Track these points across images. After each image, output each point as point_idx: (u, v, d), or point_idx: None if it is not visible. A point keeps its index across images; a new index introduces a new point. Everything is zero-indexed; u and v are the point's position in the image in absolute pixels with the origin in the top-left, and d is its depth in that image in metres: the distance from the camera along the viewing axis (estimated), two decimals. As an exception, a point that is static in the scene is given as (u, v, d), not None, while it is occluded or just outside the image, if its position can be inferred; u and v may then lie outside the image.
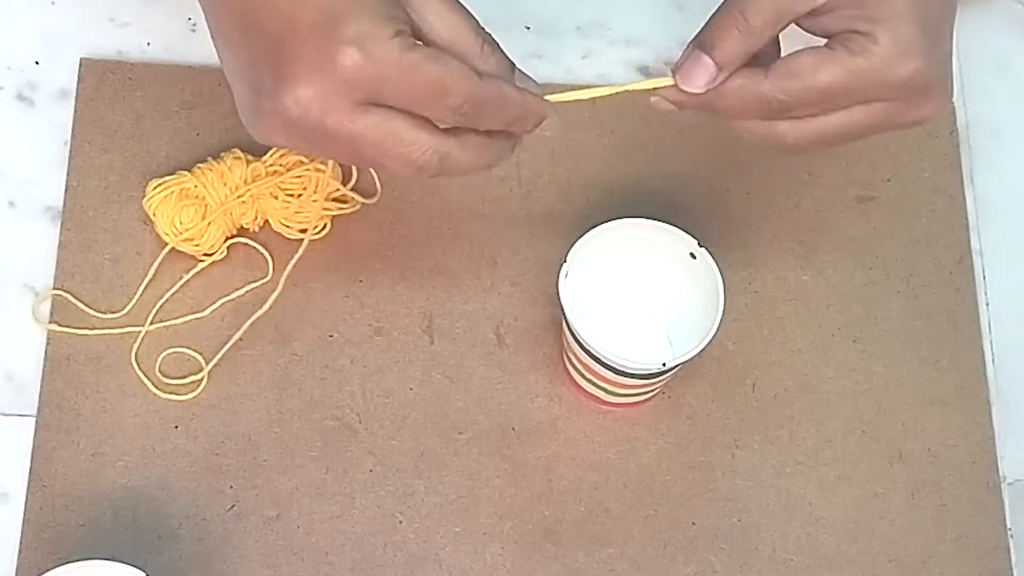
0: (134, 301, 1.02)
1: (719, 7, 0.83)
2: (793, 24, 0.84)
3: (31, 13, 1.10)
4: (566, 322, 0.95)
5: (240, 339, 1.02)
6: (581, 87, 1.10)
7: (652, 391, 1.00)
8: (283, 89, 0.79)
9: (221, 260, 1.03)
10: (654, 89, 0.86)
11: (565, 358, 1.00)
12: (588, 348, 0.94)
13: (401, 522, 0.99)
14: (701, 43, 0.83)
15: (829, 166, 1.10)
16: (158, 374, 1.01)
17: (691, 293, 0.98)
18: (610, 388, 0.99)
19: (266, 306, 1.01)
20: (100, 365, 1.01)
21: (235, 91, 0.84)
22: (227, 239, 1.03)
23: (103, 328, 1.02)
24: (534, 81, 0.86)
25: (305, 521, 0.98)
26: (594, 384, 0.99)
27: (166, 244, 1.02)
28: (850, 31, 0.80)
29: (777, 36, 0.83)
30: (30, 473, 0.98)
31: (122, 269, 1.03)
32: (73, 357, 1.01)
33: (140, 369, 1.00)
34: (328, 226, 1.05)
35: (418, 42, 0.79)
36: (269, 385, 1.01)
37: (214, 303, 1.03)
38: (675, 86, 0.84)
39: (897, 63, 0.80)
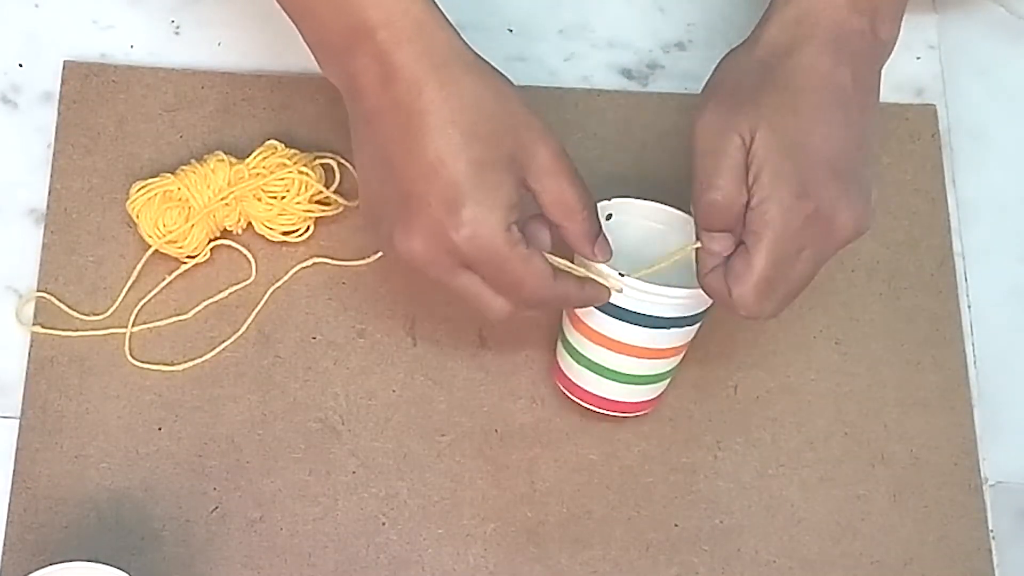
0: (117, 303, 1.02)
1: (692, 199, 0.92)
2: None
3: (14, 16, 1.10)
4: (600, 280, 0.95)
5: (223, 341, 1.02)
6: (563, 89, 1.11)
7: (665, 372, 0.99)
8: (401, 236, 0.89)
9: (204, 262, 1.03)
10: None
11: (564, 360, 1.00)
12: (642, 290, 0.94)
13: (384, 524, 0.99)
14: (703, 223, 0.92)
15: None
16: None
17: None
18: (627, 370, 0.98)
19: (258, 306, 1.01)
20: (84, 367, 1.01)
21: (362, 204, 0.94)
22: (210, 241, 1.03)
23: (87, 330, 1.02)
24: (610, 249, 0.94)
25: (288, 523, 0.99)
26: (604, 374, 0.98)
27: (149, 246, 1.02)
28: (748, 210, 0.90)
29: None
30: (13, 475, 0.98)
31: (105, 271, 1.03)
32: (57, 359, 1.01)
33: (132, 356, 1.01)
34: (311, 228, 1.05)
35: (520, 237, 0.89)
36: (252, 387, 1.01)
37: (197, 305, 1.03)
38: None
39: (788, 222, 0.89)
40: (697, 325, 0.97)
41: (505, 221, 0.88)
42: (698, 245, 0.92)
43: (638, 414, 1.00)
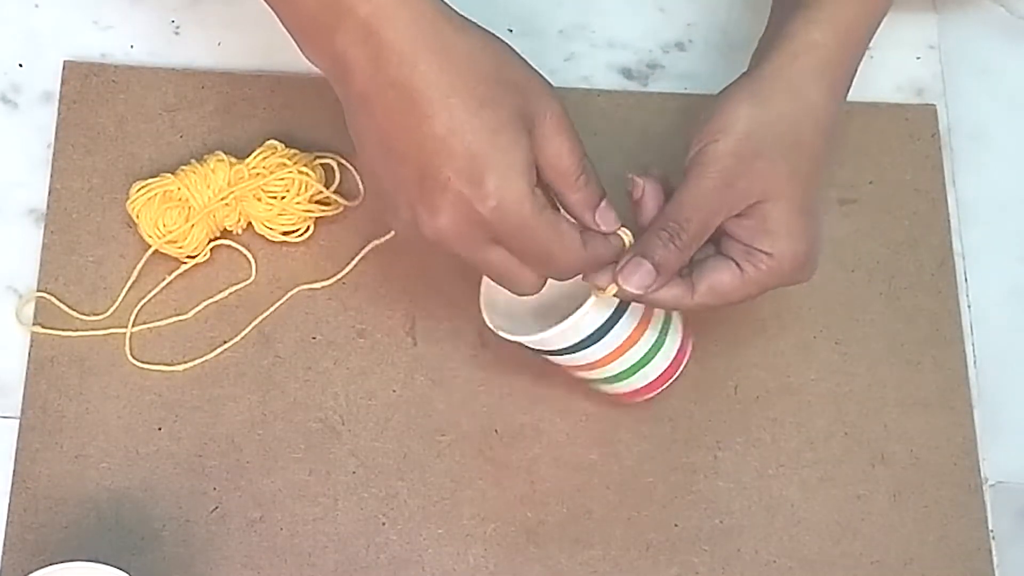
0: (118, 303, 1.02)
1: (655, 218, 0.92)
2: None
3: (15, 16, 1.10)
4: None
5: (224, 341, 1.02)
6: (563, 89, 1.11)
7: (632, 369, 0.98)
8: (426, 218, 0.86)
9: (204, 262, 1.04)
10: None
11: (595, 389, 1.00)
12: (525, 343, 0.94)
13: (384, 524, 0.99)
14: (642, 251, 0.90)
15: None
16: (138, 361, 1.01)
17: None
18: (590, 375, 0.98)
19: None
20: (84, 367, 1.01)
21: (374, 193, 0.94)
22: (210, 241, 1.03)
23: (87, 330, 1.02)
24: (614, 217, 0.92)
25: (288, 523, 0.99)
26: (616, 380, 0.98)
27: (149, 246, 1.02)
28: (753, 248, 0.92)
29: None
30: (13, 475, 0.98)
31: (105, 271, 1.03)
32: (57, 359, 1.01)
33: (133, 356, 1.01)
34: (311, 228, 1.05)
35: (545, 202, 0.87)
36: (252, 387, 1.01)
37: (197, 305, 1.03)
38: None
39: (790, 271, 0.93)
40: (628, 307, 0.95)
41: (528, 183, 0.86)
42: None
43: (675, 376, 0.99)
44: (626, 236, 0.91)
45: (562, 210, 0.91)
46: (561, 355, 0.95)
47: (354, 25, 0.85)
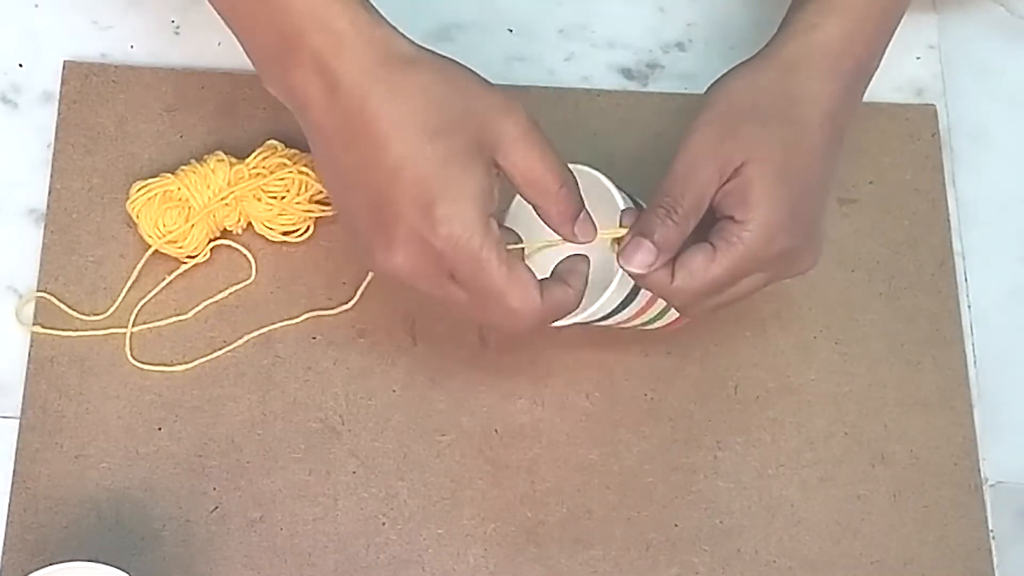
0: (117, 303, 1.02)
1: (651, 200, 0.91)
2: None
3: (14, 15, 1.10)
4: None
5: (224, 341, 1.02)
6: (563, 89, 1.11)
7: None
8: (381, 251, 0.87)
9: (204, 262, 1.03)
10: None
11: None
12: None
13: (384, 524, 0.99)
14: (642, 230, 0.90)
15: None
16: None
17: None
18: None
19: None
20: (84, 367, 1.01)
21: (340, 220, 0.93)
22: (210, 241, 1.03)
23: (87, 330, 1.02)
24: (593, 228, 0.91)
25: (288, 523, 0.99)
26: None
27: (149, 246, 1.02)
28: (727, 217, 0.90)
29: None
30: (13, 475, 0.98)
31: (105, 271, 1.03)
32: (57, 359, 1.01)
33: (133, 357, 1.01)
34: (311, 228, 1.05)
35: (500, 236, 0.86)
36: (252, 387, 1.01)
37: (197, 305, 1.03)
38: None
39: (766, 246, 0.90)
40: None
41: (481, 211, 0.84)
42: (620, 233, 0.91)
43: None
44: (614, 234, 0.91)
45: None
46: (609, 318, 0.95)
47: (307, 57, 0.85)
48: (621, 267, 0.90)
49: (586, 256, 0.91)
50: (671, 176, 0.91)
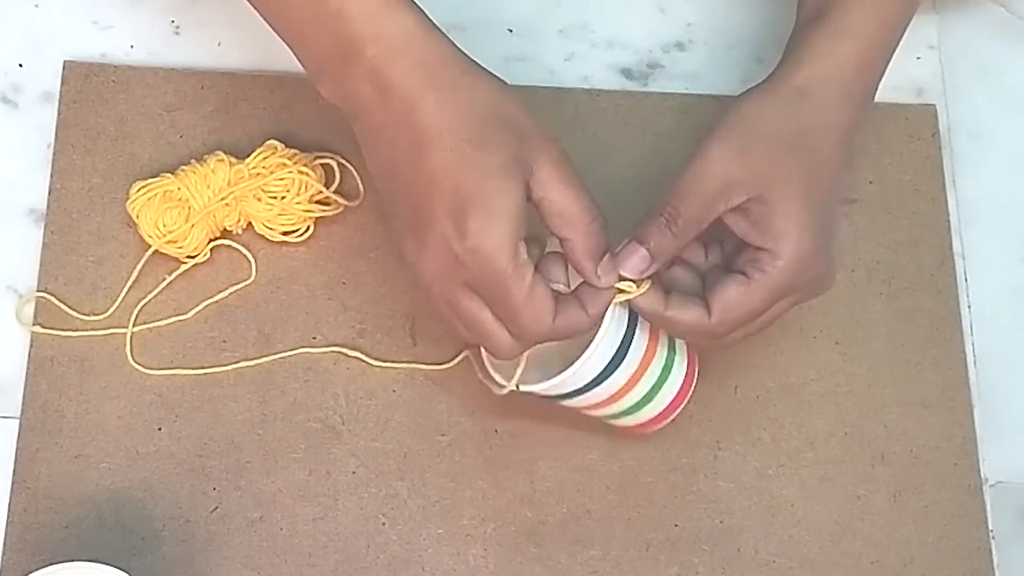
0: (118, 303, 1.02)
1: (655, 206, 0.92)
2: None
3: (15, 16, 1.10)
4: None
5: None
6: (563, 89, 1.11)
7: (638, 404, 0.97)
8: (412, 249, 0.89)
9: (204, 262, 1.04)
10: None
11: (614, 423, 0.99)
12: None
13: (384, 524, 0.99)
14: (638, 236, 0.91)
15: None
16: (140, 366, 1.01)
17: None
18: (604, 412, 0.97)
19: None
20: (84, 367, 1.01)
21: (381, 211, 0.95)
22: (210, 241, 1.03)
23: (87, 330, 1.02)
24: (614, 269, 0.91)
25: (288, 523, 0.99)
26: (628, 414, 0.97)
27: (149, 246, 1.02)
28: (755, 248, 0.91)
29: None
30: (13, 475, 0.98)
31: (105, 271, 1.03)
32: (57, 359, 1.01)
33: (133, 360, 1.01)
34: (311, 228, 1.05)
35: (527, 260, 0.87)
36: (252, 387, 1.01)
37: (197, 305, 1.03)
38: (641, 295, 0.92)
39: (800, 273, 0.92)
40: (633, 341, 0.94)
41: (512, 233, 0.86)
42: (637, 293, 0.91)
43: (684, 403, 0.98)
44: (627, 288, 0.91)
45: (555, 278, 0.91)
46: (572, 397, 0.95)
47: (363, 64, 0.87)
48: (616, 274, 0.90)
49: (613, 288, 0.91)
50: (676, 187, 0.91)
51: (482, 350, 0.95)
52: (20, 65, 1.09)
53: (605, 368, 0.92)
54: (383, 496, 1.00)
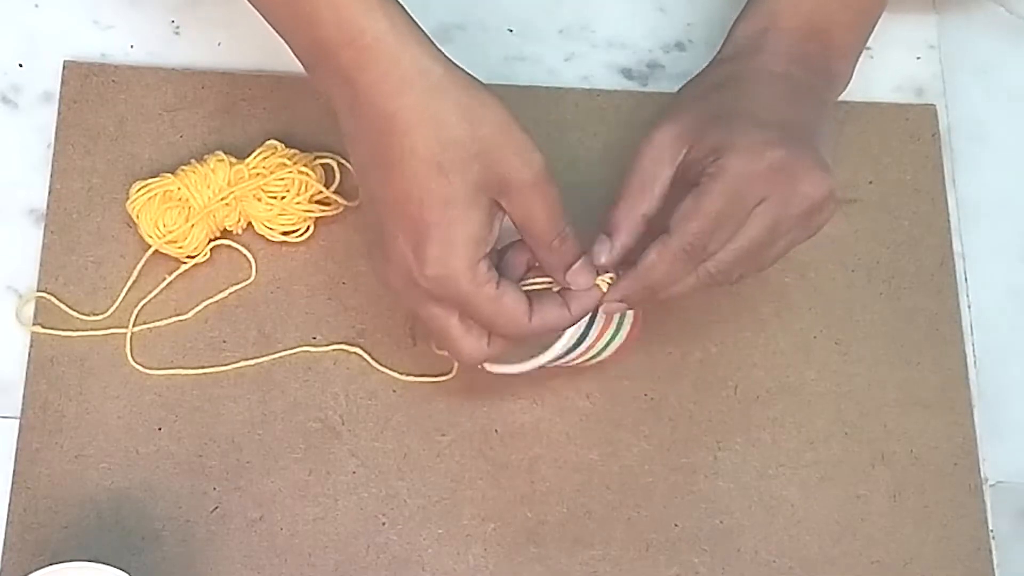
0: (118, 303, 1.02)
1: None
2: None
3: (15, 16, 1.10)
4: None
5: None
6: (563, 89, 1.11)
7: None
8: (378, 260, 0.90)
9: (204, 262, 1.04)
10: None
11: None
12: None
13: (384, 524, 0.99)
14: (604, 228, 0.92)
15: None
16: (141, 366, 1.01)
17: None
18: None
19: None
20: (84, 367, 1.01)
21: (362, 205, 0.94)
22: (210, 241, 1.03)
23: (87, 330, 1.02)
24: (590, 274, 0.91)
25: (288, 523, 0.99)
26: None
27: (149, 246, 1.02)
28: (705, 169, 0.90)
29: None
30: (13, 475, 0.98)
31: (105, 271, 1.03)
32: (57, 359, 1.01)
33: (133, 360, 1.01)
34: (311, 228, 1.05)
35: (489, 276, 0.87)
36: (252, 387, 1.01)
37: (197, 305, 1.03)
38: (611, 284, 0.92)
39: (750, 163, 0.89)
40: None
41: (470, 259, 0.86)
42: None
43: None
44: (604, 285, 0.91)
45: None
46: (557, 361, 0.95)
47: (337, 68, 0.87)
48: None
49: (599, 289, 0.91)
50: (636, 174, 0.93)
51: None
52: (20, 65, 1.09)
53: (580, 336, 0.94)
54: (383, 496, 1.00)
